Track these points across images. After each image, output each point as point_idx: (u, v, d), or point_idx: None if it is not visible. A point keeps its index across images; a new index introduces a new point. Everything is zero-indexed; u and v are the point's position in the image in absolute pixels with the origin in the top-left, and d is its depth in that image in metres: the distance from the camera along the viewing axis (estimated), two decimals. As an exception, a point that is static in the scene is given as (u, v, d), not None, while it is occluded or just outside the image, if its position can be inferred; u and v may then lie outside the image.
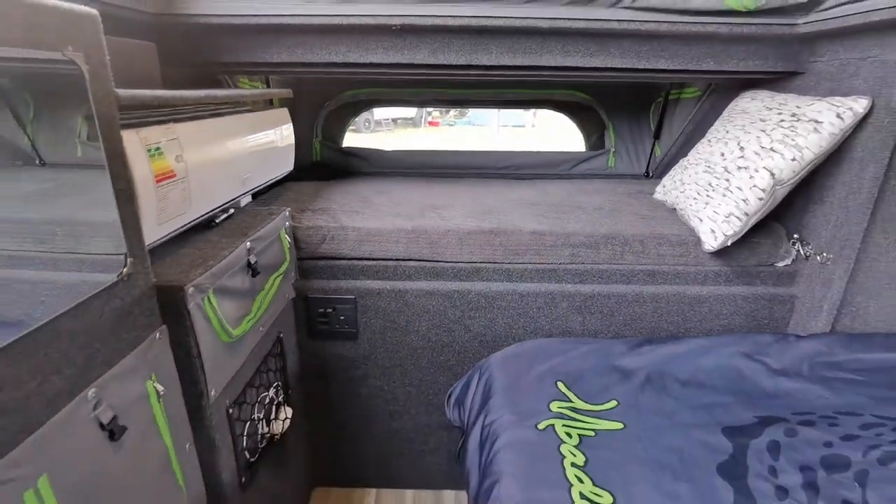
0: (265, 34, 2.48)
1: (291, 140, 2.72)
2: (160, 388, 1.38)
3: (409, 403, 2.87)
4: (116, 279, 1.21)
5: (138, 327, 1.30)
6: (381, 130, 21.94)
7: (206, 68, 2.65)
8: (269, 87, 3.30)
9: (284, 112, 2.69)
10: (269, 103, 2.98)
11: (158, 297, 1.40)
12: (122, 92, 1.26)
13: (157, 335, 1.38)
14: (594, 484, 1.56)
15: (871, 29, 2.21)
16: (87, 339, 1.12)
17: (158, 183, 1.51)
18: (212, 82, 2.90)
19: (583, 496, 1.51)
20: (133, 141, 1.38)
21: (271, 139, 2.48)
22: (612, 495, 1.52)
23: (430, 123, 24.89)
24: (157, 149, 1.52)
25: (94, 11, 1.14)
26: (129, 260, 1.25)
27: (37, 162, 1.18)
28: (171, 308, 1.47)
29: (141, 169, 1.41)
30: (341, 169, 3.92)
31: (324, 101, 3.82)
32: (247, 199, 2.33)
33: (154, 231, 1.49)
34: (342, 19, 2.37)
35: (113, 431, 1.18)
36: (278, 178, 2.65)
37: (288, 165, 2.73)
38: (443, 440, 2.94)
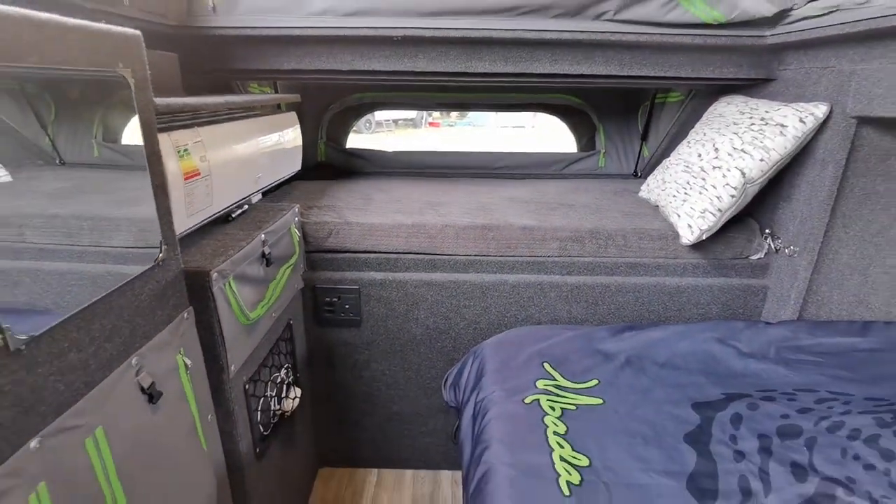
0: (276, 45, 2.64)
1: (299, 142, 2.87)
2: (188, 361, 1.54)
3: (409, 387, 2.99)
4: (153, 264, 1.37)
5: (170, 307, 1.47)
6: (381, 131, 21.87)
7: (220, 75, 2.81)
8: (277, 91, 3.43)
9: (293, 115, 2.84)
10: (278, 107, 3.13)
11: (186, 280, 1.56)
12: (158, 100, 1.43)
13: (185, 315, 1.54)
14: (573, 449, 1.71)
15: (828, 42, 2.38)
16: (131, 315, 1.28)
17: (187, 180, 1.68)
18: (225, 87, 3.05)
19: (563, 459, 1.67)
20: (166, 143, 1.55)
21: (281, 141, 2.63)
22: (589, 458, 1.68)
23: (431, 124, 24.74)
24: (186, 150, 1.69)
25: (139, 33, 1.31)
26: (163, 247, 1.42)
27: (57, 161, 1.24)
28: (198, 291, 1.63)
29: (172, 168, 1.57)
30: (345, 169, 4.04)
31: (328, 105, 3.93)
32: (257, 197, 2.46)
33: (182, 223, 1.65)
34: (348, 31, 2.53)
35: (152, 395, 1.34)
36: (287, 177, 2.80)
37: (296, 165, 2.87)
38: (440, 422, 3.06)
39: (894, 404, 1.87)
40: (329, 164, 4.07)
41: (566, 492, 1.54)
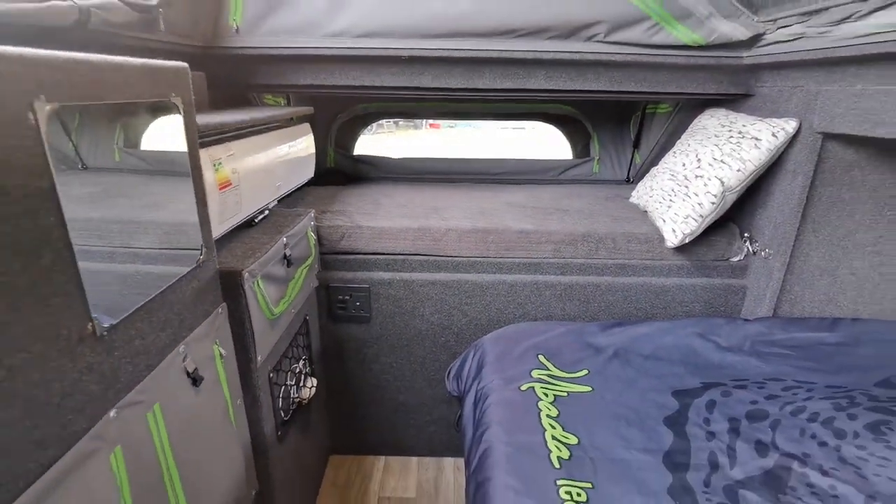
0: (294, 62, 2.82)
1: (312, 150, 3.04)
2: (223, 351, 1.72)
3: (415, 379, 3.15)
4: (195, 265, 1.55)
5: (208, 302, 1.64)
6: (382, 132, 21.89)
7: (239, 89, 3.00)
8: (289, 102, 3.61)
9: (307, 126, 3.01)
10: (290, 118, 3.30)
11: (221, 279, 1.74)
12: (199, 120, 1.62)
13: (220, 310, 1.72)
14: (564, 430, 1.90)
15: (796, 64, 2.58)
16: (179, 308, 1.46)
17: (221, 190, 1.86)
18: (242, 99, 3.24)
19: (554, 438, 1.85)
20: (204, 157, 1.72)
21: (297, 150, 2.80)
22: (578, 437, 1.86)
23: (431, 126, 24.70)
24: (220, 163, 1.87)
25: (186, 65, 1.49)
26: (203, 250, 1.60)
27: (79, 166, 1.26)
28: (231, 288, 1.80)
29: (209, 179, 1.75)
30: (353, 174, 4.20)
31: (337, 114, 4.08)
32: (274, 203, 2.62)
33: (216, 228, 1.82)
34: (360, 51, 2.72)
35: (195, 379, 1.53)
36: (302, 184, 2.97)
37: (310, 173, 3.04)
38: (443, 412, 3.22)
39: (851, 391, 2.06)
40: (338, 170, 4.20)
41: (557, 465, 1.73)
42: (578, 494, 1.61)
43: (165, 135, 1.47)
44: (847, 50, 2.19)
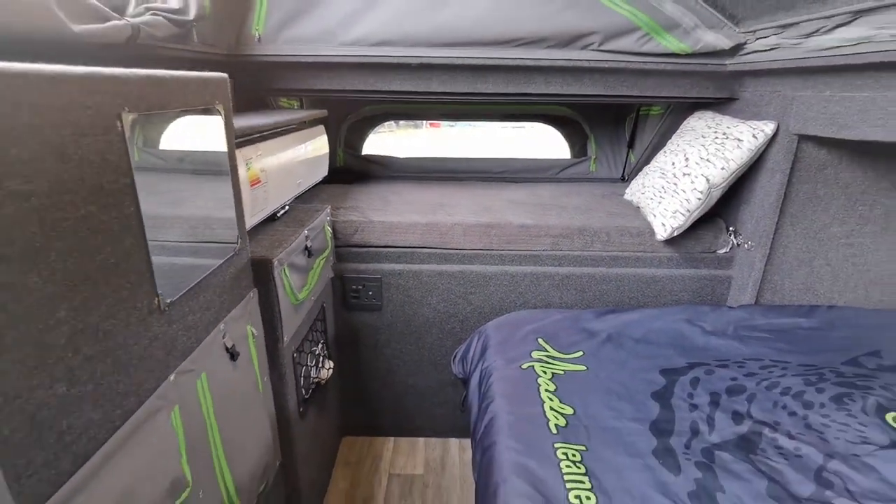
0: (310, 69, 2.99)
1: (326, 150, 3.20)
2: (255, 331, 1.90)
3: (422, 363, 3.31)
4: (232, 253, 1.73)
5: (242, 287, 1.82)
6: (383, 131, 21.83)
7: (258, 92, 3.18)
8: (302, 104, 3.77)
9: (321, 128, 3.18)
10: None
11: (253, 267, 1.92)
12: (235, 124, 1.80)
13: (251, 294, 1.90)
14: (561, 402, 2.08)
15: (774, 72, 2.77)
16: (220, 291, 1.64)
17: (252, 187, 2.04)
18: (259, 101, 3.41)
19: (552, 409, 2.04)
20: (239, 157, 1.90)
21: (314, 151, 2.96)
22: (574, 408, 2.04)
23: (432, 125, 24.69)
24: (251, 162, 2.05)
25: (226, 76, 1.67)
26: (239, 240, 1.79)
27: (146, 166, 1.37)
28: (262, 275, 1.98)
29: (243, 177, 1.92)
30: (361, 173, 4.34)
31: (346, 115, 4.23)
32: (293, 199, 2.77)
33: (248, 222, 1.99)
34: (372, 59, 2.90)
35: (233, 354, 1.71)
36: (317, 181, 3.14)
37: (324, 171, 3.21)
38: (448, 395, 3.38)
39: (821, 369, 2.25)
40: (347, 169, 4.34)
41: (554, 431, 1.91)
42: (573, 455, 1.80)
43: (190, 136, 1.61)
44: (816, 60, 2.38)
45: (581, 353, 2.47)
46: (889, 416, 1.93)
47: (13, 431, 0.87)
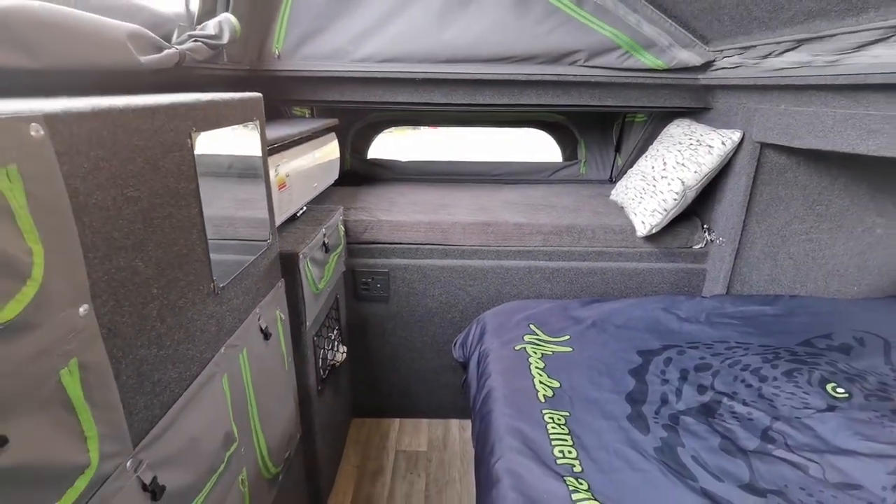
0: (324, 82, 3.22)
1: (337, 155, 3.40)
2: (283, 315, 2.14)
3: (425, 350, 3.51)
4: (266, 247, 1.97)
5: (272, 277, 2.06)
6: (384, 131, 21.65)
7: (275, 102, 3.42)
8: (313, 113, 3.95)
9: (333, 135, 3.37)
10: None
11: (281, 260, 2.16)
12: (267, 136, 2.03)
13: (279, 284, 2.12)
14: (549, 377, 2.33)
15: (739, 87, 3.05)
16: (255, 280, 1.88)
17: (280, 190, 2.27)
18: (274, 110, 3.64)
19: (541, 382, 2.28)
20: (270, 164, 2.13)
21: (327, 156, 3.16)
22: (560, 382, 2.30)
23: (430, 126, 24.49)
24: (278, 168, 2.28)
25: (260, 95, 1.90)
26: (271, 236, 2.02)
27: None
28: (289, 267, 2.21)
29: (273, 181, 2.16)
30: (367, 175, 4.51)
31: (353, 121, 4.40)
32: (310, 201, 2.96)
33: (277, 221, 2.20)
34: (381, 74, 3.14)
35: (266, 335, 1.94)
36: (330, 184, 3.33)
37: (335, 175, 3.40)
38: (450, 379, 3.58)
39: (778, 349, 2.52)
40: (354, 172, 4.50)
41: (542, 400, 2.17)
42: (559, 419, 2.05)
43: (226, 146, 1.82)
44: (771, 79, 2.65)
45: (568, 336, 2.70)
46: (829, 386, 2.22)
47: (128, 378, 1.12)
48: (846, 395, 2.18)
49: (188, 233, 1.37)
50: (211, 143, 1.51)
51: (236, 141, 1.75)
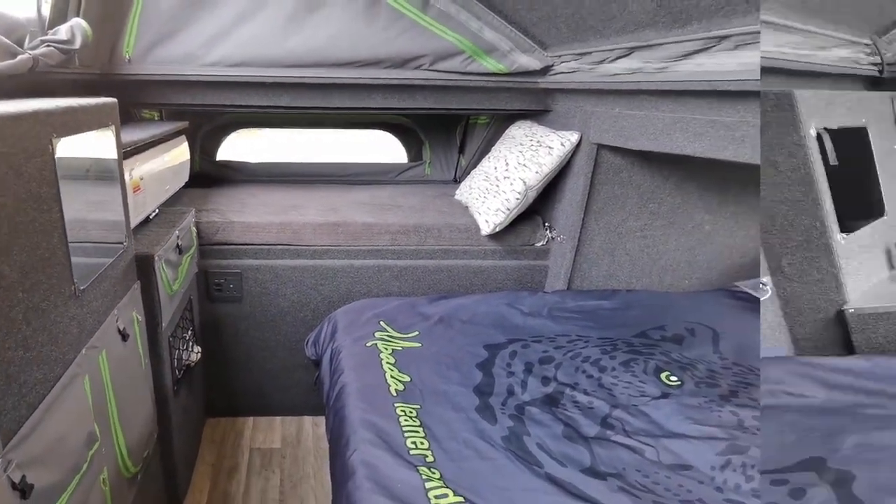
0: (175, 86, 3.20)
1: (188, 157, 3.38)
2: (139, 317, 2.14)
3: (278, 349, 3.51)
4: (122, 250, 1.97)
5: (129, 279, 2.06)
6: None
7: (125, 105, 3.37)
8: (162, 116, 3.88)
9: (183, 137, 3.35)
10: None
11: (137, 262, 2.15)
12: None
13: (136, 285, 2.12)
14: (400, 372, 2.40)
15: (576, 91, 3.20)
16: (113, 282, 1.88)
17: (134, 193, 2.26)
18: (125, 114, 3.59)
19: (392, 377, 2.35)
20: (125, 168, 2.12)
21: (177, 158, 3.16)
22: (410, 376, 2.37)
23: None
24: (132, 171, 2.27)
25: (115, 101, 1.91)
26: (126, 238, 2.02)
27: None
28: (144, 269, 2.20)
29: (128, 185, 2.15)
30: (218, 178, 4.42)
31: (202, 124, 4.29)
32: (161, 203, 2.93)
33: (132, 223, 2.20)
34: (231, 78, 3.15)
35: (124, 336, 1.94)
36: (181, 187, 3.30)
37: (186, 177, 3.38)
38: (302, 377, 3.54)
39: (615, 341, 2.69)
40: (204, 174, 4.39)
41: (394, 394, 2.24)
42: (410, 412, 2.13)
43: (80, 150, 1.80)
44: (605, 84, 2.81)
45: (417, 332, 2.78)
46: (663, 375, 2.39)
47: (-3, 382, 1.14)
48: (678, 382, 2.35)
49: (50, 236, 1.38)
50: (69, 148, 1.51)
51: (94, 145, 1.76)
